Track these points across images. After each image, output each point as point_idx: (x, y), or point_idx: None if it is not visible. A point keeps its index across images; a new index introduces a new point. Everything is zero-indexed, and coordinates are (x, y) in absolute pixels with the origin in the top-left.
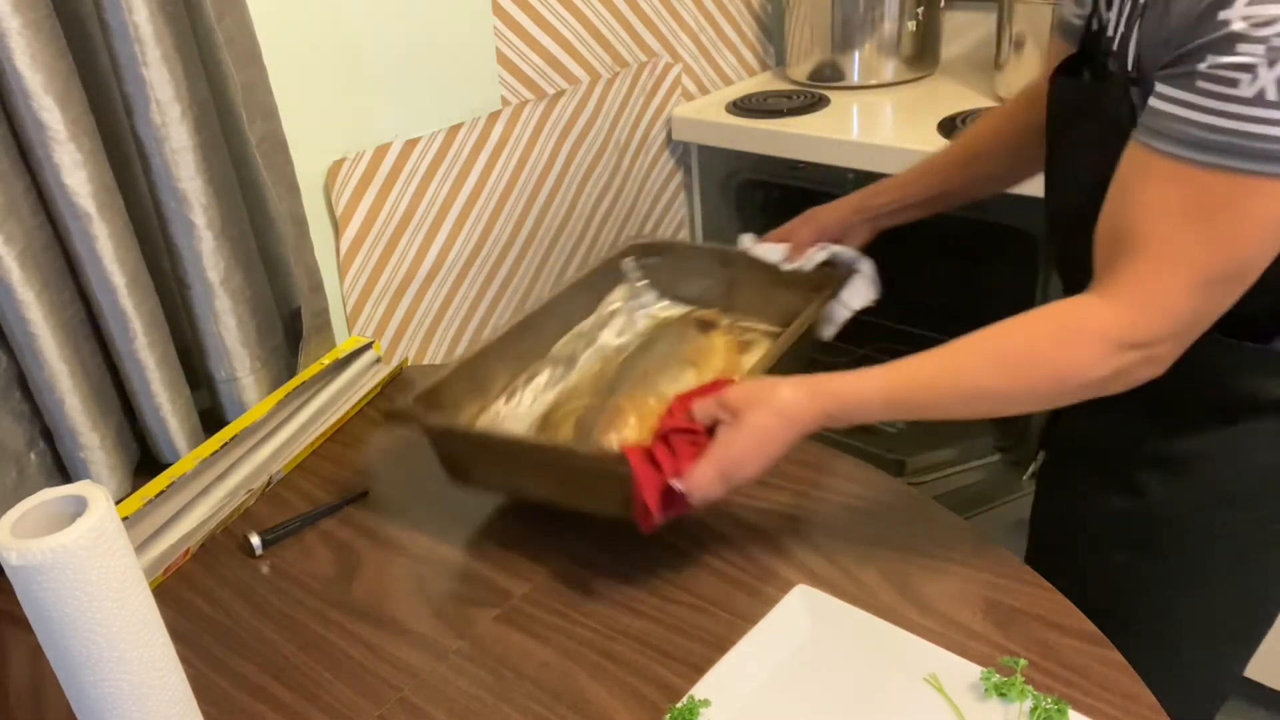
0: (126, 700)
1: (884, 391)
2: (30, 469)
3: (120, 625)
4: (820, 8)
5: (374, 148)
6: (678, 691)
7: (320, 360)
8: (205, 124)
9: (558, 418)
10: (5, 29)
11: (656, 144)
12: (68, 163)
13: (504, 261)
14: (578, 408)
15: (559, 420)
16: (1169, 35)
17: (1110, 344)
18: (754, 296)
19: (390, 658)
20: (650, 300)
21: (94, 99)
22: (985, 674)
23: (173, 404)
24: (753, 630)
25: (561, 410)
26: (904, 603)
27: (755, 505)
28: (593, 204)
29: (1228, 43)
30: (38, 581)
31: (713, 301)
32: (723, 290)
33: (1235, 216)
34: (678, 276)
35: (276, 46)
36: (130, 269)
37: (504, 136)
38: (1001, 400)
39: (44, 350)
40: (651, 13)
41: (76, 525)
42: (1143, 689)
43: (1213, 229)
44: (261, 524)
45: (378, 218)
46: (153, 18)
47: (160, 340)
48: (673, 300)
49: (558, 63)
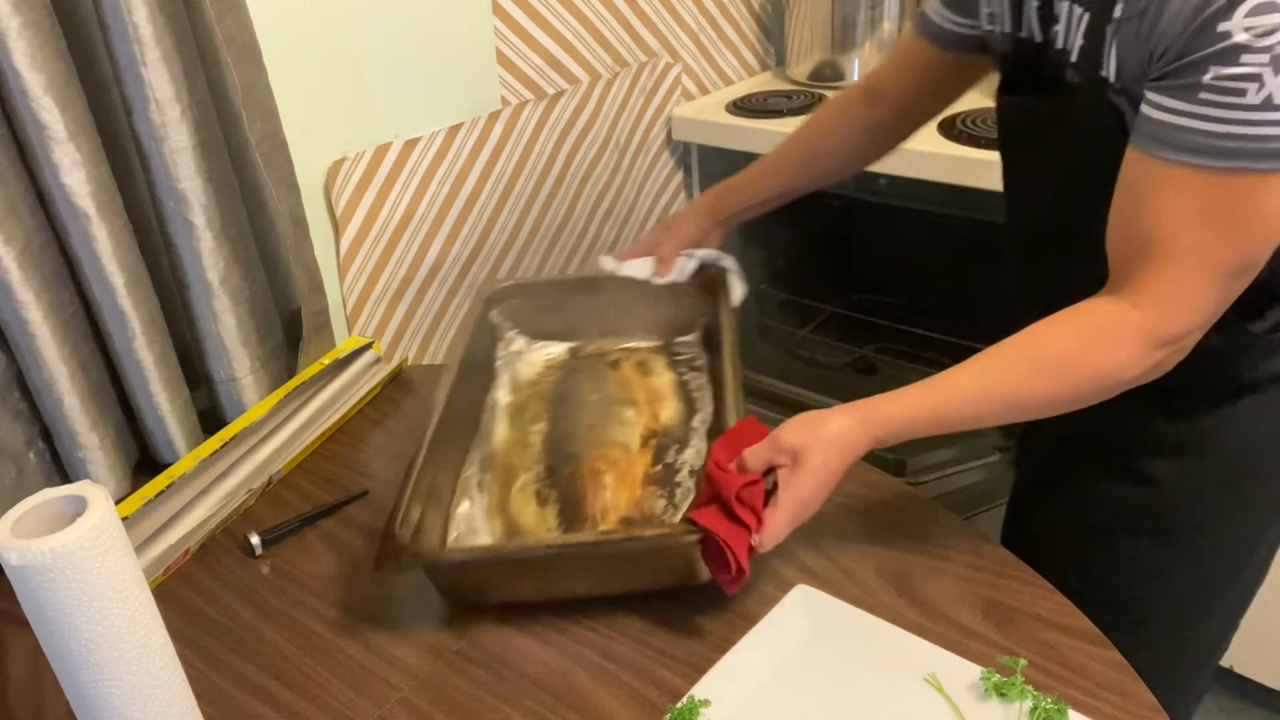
0: (126, 700)
1: (933, 411)
2: (29, 469)
3: (120, 625)
4: (820, 8)
5: (374, 148)
6: (678, 691)
7: (320, 360)
8: (205, 124)
9: (514, 500)
10: (5, 29)
11: (656, 144)
12: (67, 163)
13: (504, 261)
14: (529, 482)
15: (518, 503)
16: (1157, 47)
17: (1146, 343)
18: (628, 317)
19: (390, 658)
20: (524, 346)
21: (93, 99)
22: (985, 674)
23: (172, 404)
24: (753, 630)
25: (515, 490)
26: (904, 603)
27: None
28: (593, 204)
29: (1231, 54)
30: (38, 581)
31: (588, 331)
32: (596, 318)
33: (1250, 213)
34: (545, 315)
35: (276, 46)
36: (129, 269)
37: (504, 136)
38: (1043, 406)
39: (43, 350)
40: (651, 13)
41: (76, 525)
42: (1142, 689)
43: (1230, 227)
44: (261, 524)
45: (378, 218)
46: (152, 18)
47: (159, 340)
48: (546, 340)
49: (558, 63)
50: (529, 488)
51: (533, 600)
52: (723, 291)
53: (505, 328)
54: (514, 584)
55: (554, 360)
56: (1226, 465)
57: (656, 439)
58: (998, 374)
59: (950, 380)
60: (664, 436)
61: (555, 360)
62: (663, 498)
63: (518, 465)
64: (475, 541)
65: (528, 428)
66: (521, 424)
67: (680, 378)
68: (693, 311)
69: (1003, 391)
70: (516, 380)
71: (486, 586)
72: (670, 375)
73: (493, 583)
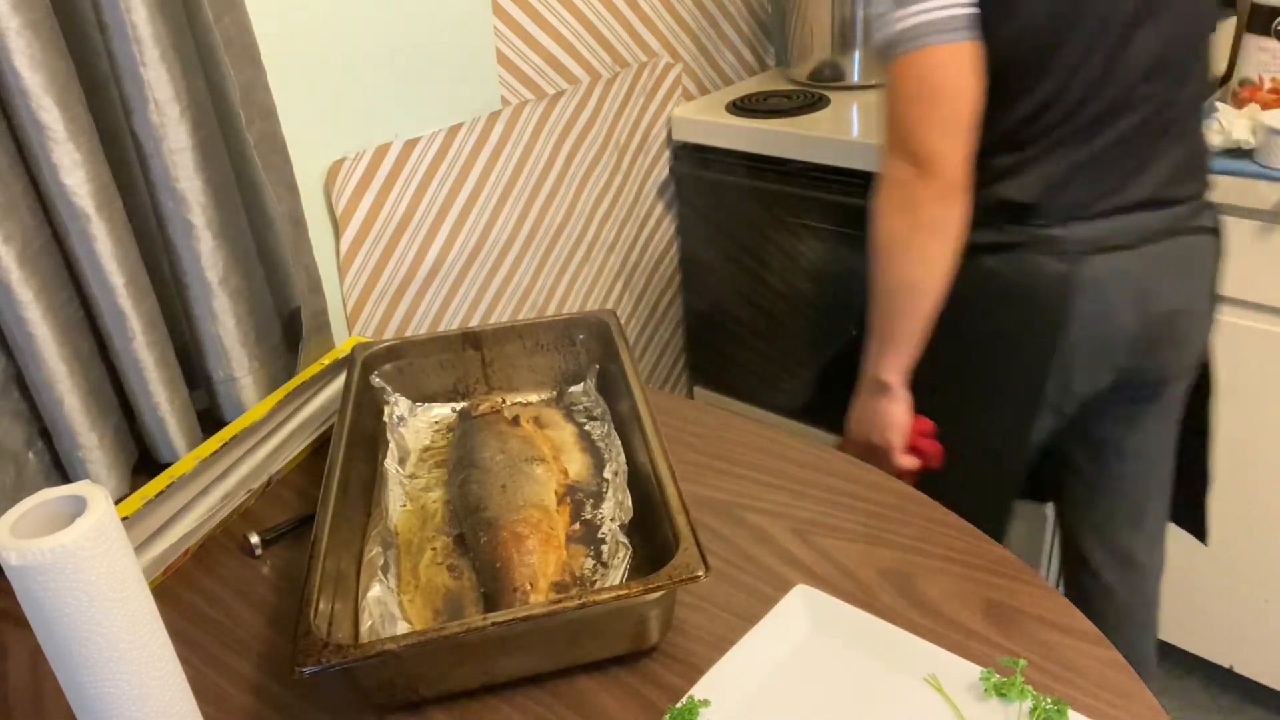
0: (126, 700)
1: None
2: (29, 469)
3: (120, 625)
4: (820, 8)
5: (374, 148)
6: (678, 691)
7: (320, 360)
8: (204, 124)
9: (425, 577)
10: (4, 29)
11: (656, 144)
12: (66, 162)
13: (504, 261)
14: (438, 556)
15: (427, 576)
16: None
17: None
18: (515, 371)
19: None
20: (405, 410)
21: (92, 99)
22: (985, 674)
23: (171, 404)
24: (753, 630)
25: (423, 566)
26: (904, 603)
27: (755, 505)
28: (593, 204)
29: None
30: (38, 581)
31: (476, 390)
32: (480, 375)
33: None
34: (425, 375)
35: (276, 46)
36: (128, 269)
37: (504, 136)
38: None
39: (42, 350)
40: (651, 13)
41: (76, 525)
42: (1142, 689)
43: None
44: (261, 524)
45: (378, 218)
46: (151, 18)
47: (158, 340)
48: (430, 402)
49: (558, 63)
50: (438, 561)
51: (469, 688)
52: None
53: (386, 392)
54: (453, 670)
55: (444, 422)
56: (953, 306)
57: (570, 496)
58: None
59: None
60: (577, 492)
61: (445, 422)
62: (590, 556)
63: (422, 539)
64: (394, 629)
65: (425, 496)
66: (418, 493)
67: (581, 429)
68: (582, 360)
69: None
70: (407, 447)
71: (420, 679)
72: (570, 427)
73: (428, 673)
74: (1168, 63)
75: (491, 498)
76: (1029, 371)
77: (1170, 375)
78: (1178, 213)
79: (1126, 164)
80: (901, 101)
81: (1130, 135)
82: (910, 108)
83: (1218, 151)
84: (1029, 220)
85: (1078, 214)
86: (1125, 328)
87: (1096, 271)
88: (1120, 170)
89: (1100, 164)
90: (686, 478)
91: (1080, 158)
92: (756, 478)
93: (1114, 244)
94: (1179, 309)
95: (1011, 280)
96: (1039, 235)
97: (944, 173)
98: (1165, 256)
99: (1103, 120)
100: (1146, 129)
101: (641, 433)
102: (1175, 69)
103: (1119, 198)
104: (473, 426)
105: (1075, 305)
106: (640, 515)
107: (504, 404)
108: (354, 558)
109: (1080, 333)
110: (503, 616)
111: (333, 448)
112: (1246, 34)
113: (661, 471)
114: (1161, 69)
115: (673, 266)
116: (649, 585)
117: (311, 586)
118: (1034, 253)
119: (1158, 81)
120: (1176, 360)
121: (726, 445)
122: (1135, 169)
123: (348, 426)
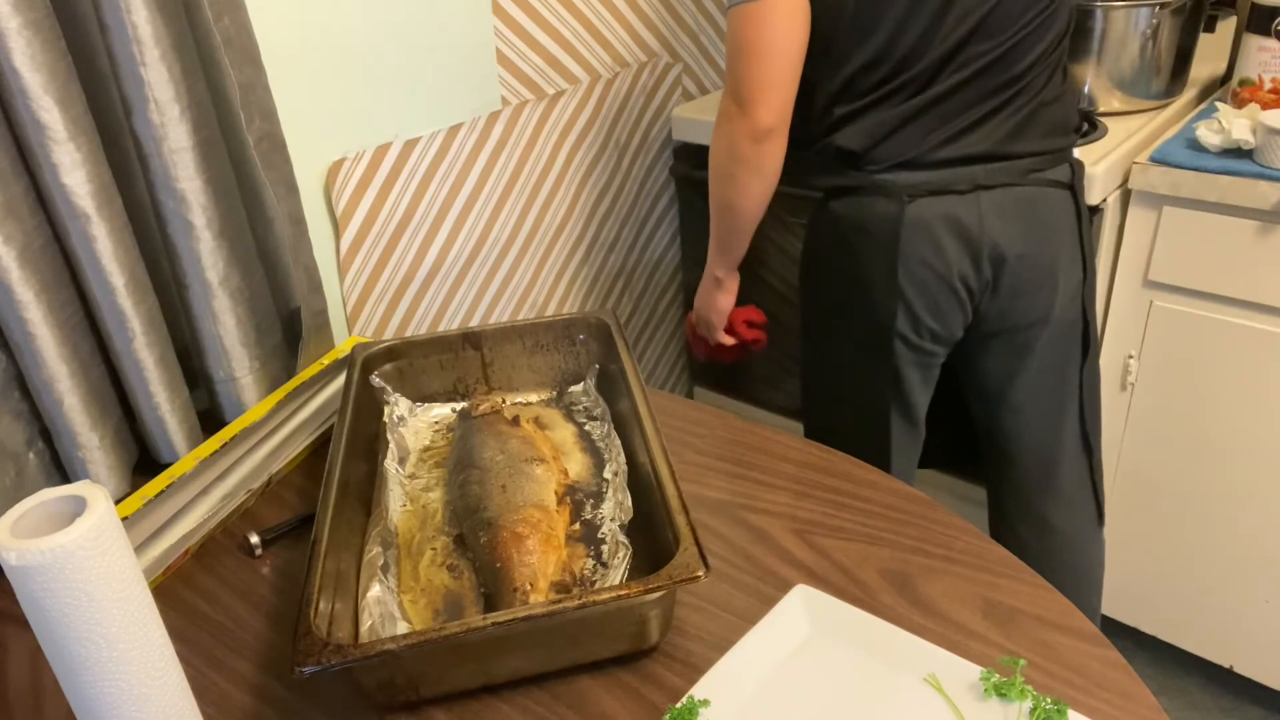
0: (126, 700)
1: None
2: (29, 469)
3: (120, 625)
4: None
5: (374, 148)
6: (678, 691)
7: (320, 360)
8: (204, 124)
9: (426, 577)
10: (5, 29)
11: (656, 144)
12: (66, 162)
13: (504, 261)
14: (438, 556)
15: (427, 575)
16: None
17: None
18: (515, 371)
19: None
20: (405, 410)
21: (93, 99)
22: (985, 674)
23: (171, 404)
24: (753, 630)
25: (423, 566)
26: (904, 603)
27: (755, 505)
28: (593, 204)
29: None
30: (37, 581)
31: (475, 390)
32: (480, 375)
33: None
34: (425, 375)
35: (276, 46)
36: (129, 269)
37: (504, 136)
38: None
39: (43, 350)
40: (651, 13)
41: (76, 525)
42: (1142, 689)
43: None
44: (261, 524)
45: (378, 218)
46: (151, 18)
47: (159, 340)
48: (430, 402)
49: (558, 63)
50: (438, 561)
51: (469, 688)
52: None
53: (386, 393)
54: (452, 670)
55: (444, 422)
56: (808, 255)
57: (570, 496)
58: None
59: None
60: (577, 492)
61: (445, 422)
62: (590, 557)
63: (422, 539)
64: (394, 629)
65: (425, 496)
66: (418, 493)
67: (581, 429)
68: (582, 360)
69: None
70: (406, 447)
71: (420, 679)
72: (570, 428)
73: (429, 673)
74: (998, 25)
75: (491, 498)
76: (877, 306)
77: (1027, 322)
78: (1020, 164)
79: (959, 118)
80: (732, 48)
81: (960, 91)
82: (738, 55)
83: (1218, 151)
84: (863, 166)
85: (908, 162)
86: (958, 265)
87: (923, 211)
88: (952, 124)
89: (929, 116)
90: (686, 478)
91: (907, 111)
92: (756, 478)
93: (944, 189)
94: (1022, 254)
95: (853, 222)
96: (873, 181)
97: (760, 116)
98: (1002, 203)
99: (929, 76)
100: (979, 86)
101: (641, 433)
102: (1008, 31)
103: (952, 149)
104: (473, 427)
105: (906, 243)
106: (640, 515)
107: (504, 404)
108: (354, 558)
109: (916, 269)
110: (503, 616)
111: (333, 448)
112: (1246, 34)
113: (661, 471)
114: (990, 30)
115: (673, 266)
116: (649, 585)
117: (311, 586)
118: (869, 195)
119: (985, 41)
120: (1031, 307)
121: (726, 445)
122: (972, 124)
123: (348, 426)
